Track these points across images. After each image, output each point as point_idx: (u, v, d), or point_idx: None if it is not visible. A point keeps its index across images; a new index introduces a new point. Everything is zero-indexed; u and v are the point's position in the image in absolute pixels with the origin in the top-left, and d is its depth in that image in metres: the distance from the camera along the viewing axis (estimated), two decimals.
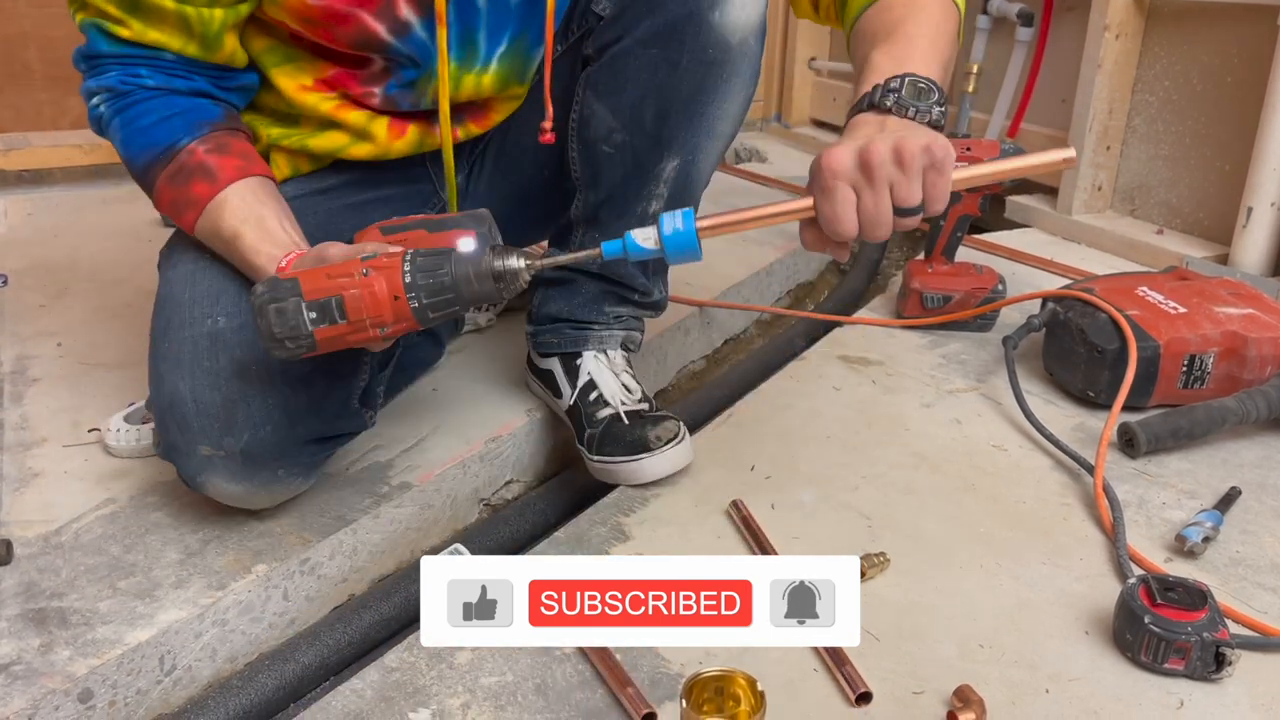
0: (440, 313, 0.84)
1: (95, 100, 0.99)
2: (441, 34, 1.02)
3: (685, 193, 1.13)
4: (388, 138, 1.10)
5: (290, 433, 0.97)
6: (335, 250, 0.88)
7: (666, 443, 1.10)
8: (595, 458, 1.13)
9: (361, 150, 1.11)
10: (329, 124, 1.09)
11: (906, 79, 0.83)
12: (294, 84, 1.06)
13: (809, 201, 0.81)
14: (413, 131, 1.12)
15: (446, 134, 1.10)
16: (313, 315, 0.82)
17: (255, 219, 0.96)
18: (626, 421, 1.12)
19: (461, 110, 1.13)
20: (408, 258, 0.83)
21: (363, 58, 1.04)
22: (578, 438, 1.17)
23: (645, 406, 1.15)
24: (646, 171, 1.10)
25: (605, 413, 1.14)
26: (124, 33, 0.95)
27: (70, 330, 1.49)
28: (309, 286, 0.82)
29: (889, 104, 0.83)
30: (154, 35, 0.96)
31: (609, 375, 1.17)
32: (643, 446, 1.10)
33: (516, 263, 0.83)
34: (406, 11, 1.00)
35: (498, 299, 0.85)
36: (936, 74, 0.86)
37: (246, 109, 1.09)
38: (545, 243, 1.30)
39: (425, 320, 0.84)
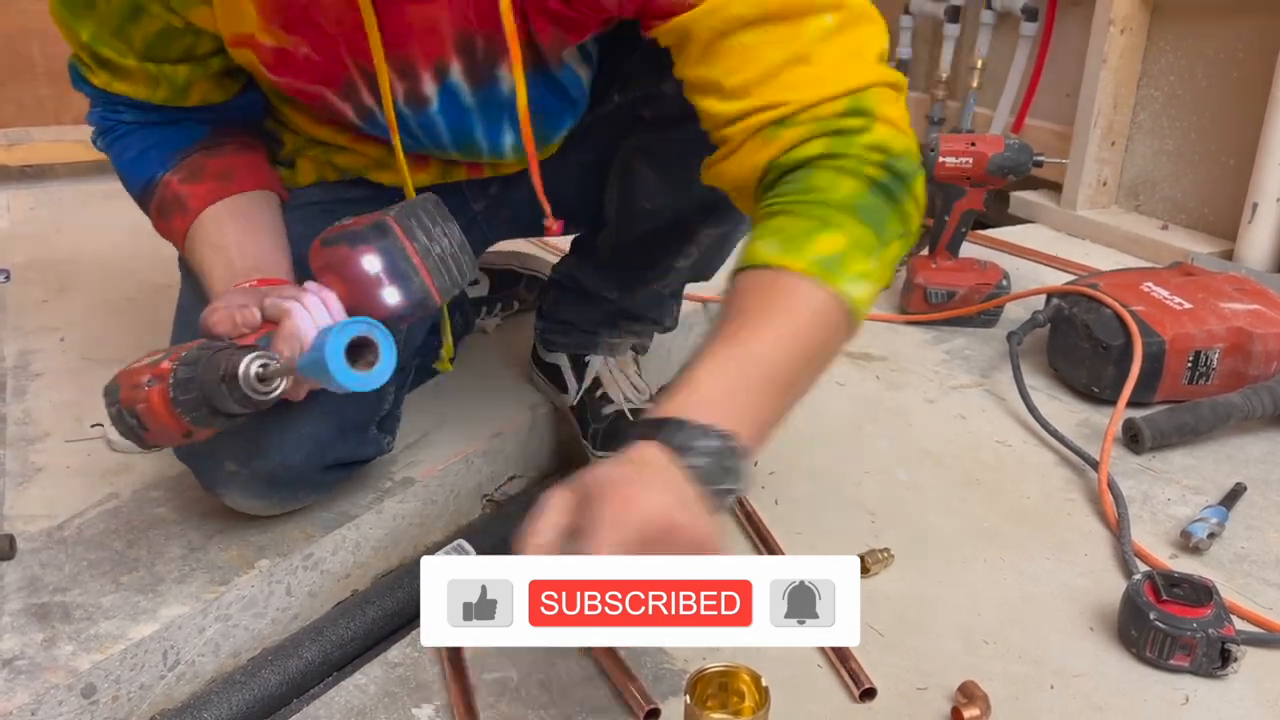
0: (208, 423, 0.78)
1: (92, 131, 1.01)
2: (396, 140, 0.93)
3: (715, 256, 1.12)
4: (411, 169, 1.02)
5: (316, 459, 0.97)
6: (222, 302, 0.83)
7: None
8: (600, 453, 1.13)
9: (384, 177, 1.06)
10: (349, 151, 1.05)
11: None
12: (304, 119, 1.02)
13: None
14: (435, 166, 1.06)
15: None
16: (132, 423, 0.80)
17: (220, 249, 0.92)
18: (632, 419, 1.12)
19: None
20: (178, 363, 0.77)
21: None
22: (582, 433, 1.17)
23: (652, 404, 1.15)
24: (684, 232, 1.07)
25: (610, 410, 1.14)
26: (95, 80, 0.95)
27: (73, 325, 1.49)
28: (124, 395, 0.80)
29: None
30: (120, 87, 0.94)
31: (618, 376, 1.17)
32: None
33: (251, 368, 0.75)
34: (368, 99, 0.92)
35: (242, 410, 0.78)
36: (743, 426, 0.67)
37: (273, 119, 1.06)
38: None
39: (210, 426, 0.79)
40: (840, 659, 0.84)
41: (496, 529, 1.13)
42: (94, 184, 2.25)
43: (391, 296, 0.81)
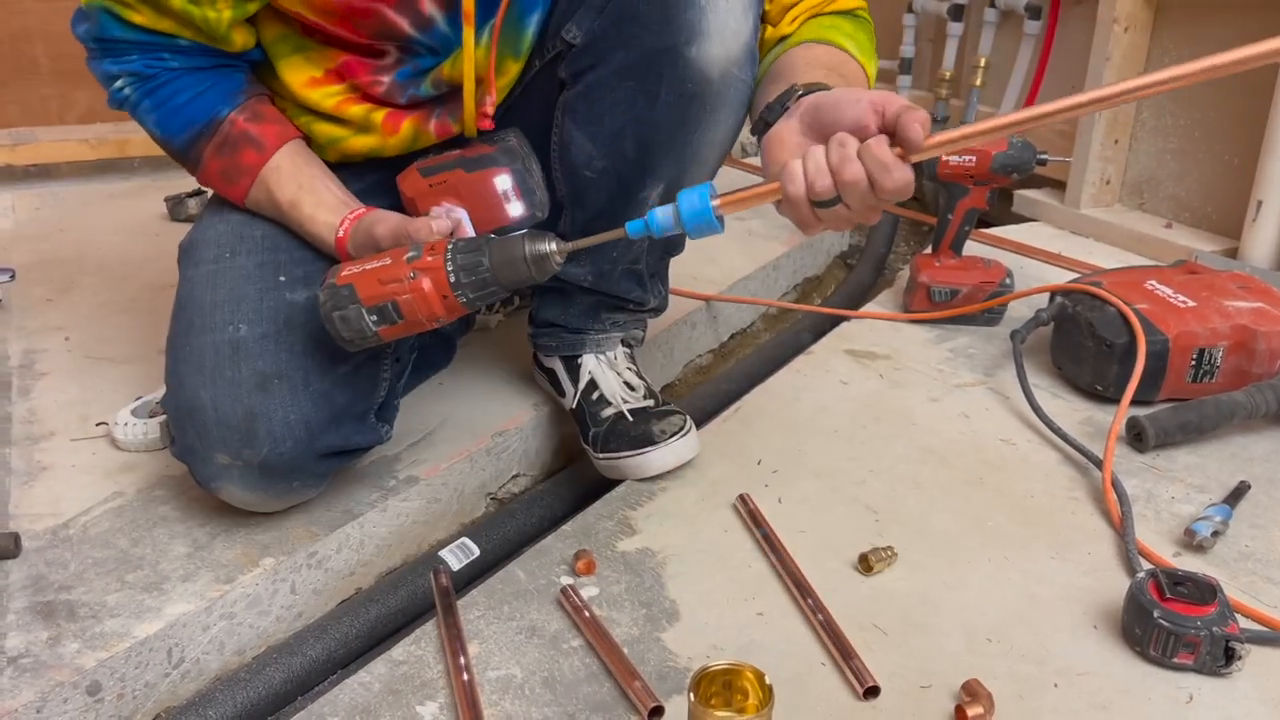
0: (486, 299, 0.89)
1: (119, 84, 1.01)
2: (468, 33, 0.99)
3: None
4: (383, 132, 1.09)
5: (309, 447, 0.97)
6: (383, 229, 0.94)
7: (671, 436, 1.10)
8: (600, 455, 1.13)
9: (363, 142, 1.09)
10: (331, 119, 1.08)
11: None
12: (302, 78, 1.05)
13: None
14: (407, 128, 1.09)
15: (470, 114, 1.07)
16: (374, 318, 0.89)
17: (308, 184, 1.02)
18: (631, 419, 1.12)
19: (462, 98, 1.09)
20: (449, 256, 0.87)
21: (378, 49, 1.03)
22: (583, 436, 1.17)
23: (650, 403, 1.15)
24: (631, 196, 1.07)
25: (609, 412, 1.14)
26: (137, 19, 0.96)
27: (78, 324, 1.49)
28: (365, 293, 0.88)
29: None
30: (166, 24, 0.97)
31: (610, 375, 1.17)
32: (647, 440, 1.10)
33: (548, 247, 0.87)
34: (430, 7, 0.99)
35: (535, 281, 0.88)
36: None
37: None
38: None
39: (473, 307, 0.89)
40: (844, 656, 0.84)
41: (500, 527, 1.13)
42: (98, 184, 2.25)
43: (516, 209, 1.01)
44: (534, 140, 1.08)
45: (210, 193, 1.14)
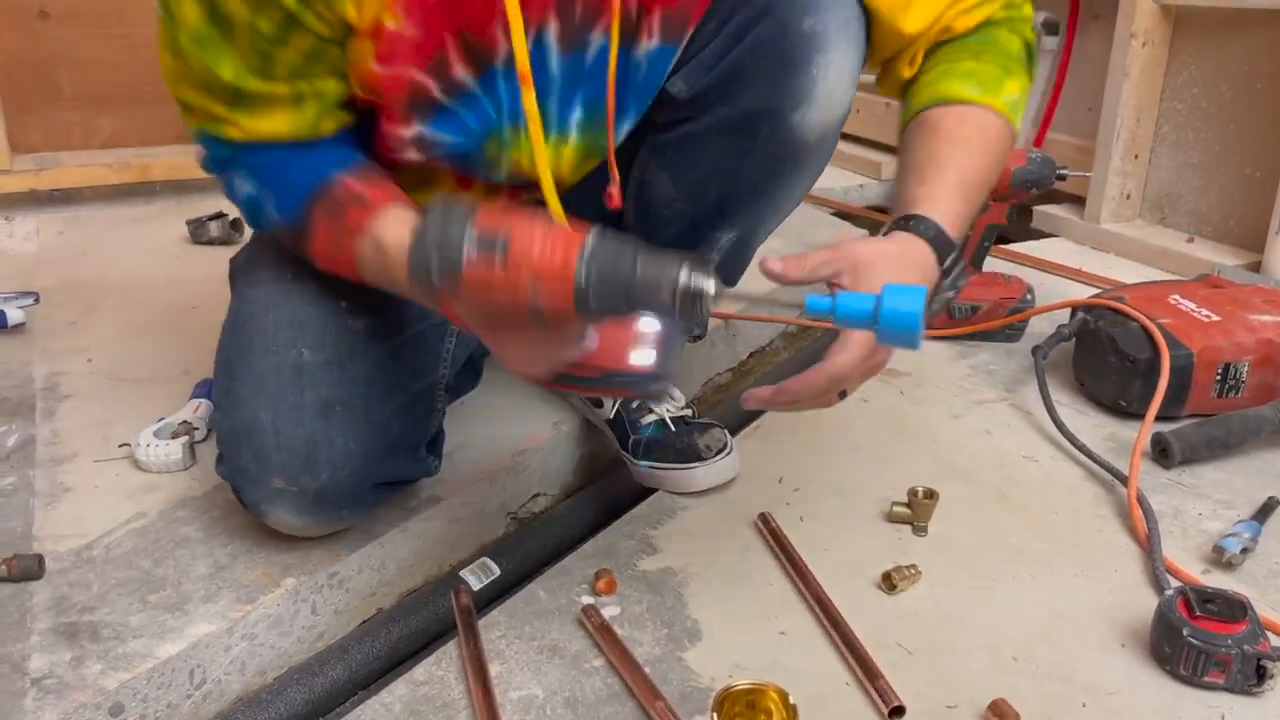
0: (601, 304, 0.70)
1: (246, 189, 0.93)
2: (529, 96, 0.88)
3: (739, 257, 1.13)
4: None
5: (365, 477, 0.97)
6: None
7: (717, 453, 1.10)
8: (643, 463, 1.13)
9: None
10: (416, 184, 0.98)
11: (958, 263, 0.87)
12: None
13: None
14: (476, 192, 1.03)
15: (553, 202, 0.95)
16: (470, 242, 0.70)
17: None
18: (674, 428, 1.12)
19: (532, 189, 0.98)
20: (595, 233, 0.71)
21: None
22: (621, 444, 1.17)
23: (689, 413, 1.15)
24: (701, 238, 1.08)
25: (651, 419, 1.14)
26: (234, 133, 0.89)
27: (101, 346, 1.50)
28: (483, 220, 0.71)
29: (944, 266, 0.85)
30: (265, 126, 0.89)
31: None
32: (694, 455, 1.10)
33: (707, 284, 0.70)
34: (460, 71, 0.88)
35: (668, 316, 0.72)
36: (957, 225, 0.88)
37: None
38: None
39: (583, 304, 0.70)
40: (869, 676, 0.83)
41: (521, 547, 1.13)
42: (121, 208, 2.28)
43: (644, 359, 0.86)
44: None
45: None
